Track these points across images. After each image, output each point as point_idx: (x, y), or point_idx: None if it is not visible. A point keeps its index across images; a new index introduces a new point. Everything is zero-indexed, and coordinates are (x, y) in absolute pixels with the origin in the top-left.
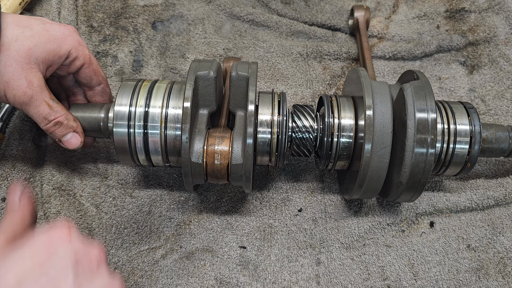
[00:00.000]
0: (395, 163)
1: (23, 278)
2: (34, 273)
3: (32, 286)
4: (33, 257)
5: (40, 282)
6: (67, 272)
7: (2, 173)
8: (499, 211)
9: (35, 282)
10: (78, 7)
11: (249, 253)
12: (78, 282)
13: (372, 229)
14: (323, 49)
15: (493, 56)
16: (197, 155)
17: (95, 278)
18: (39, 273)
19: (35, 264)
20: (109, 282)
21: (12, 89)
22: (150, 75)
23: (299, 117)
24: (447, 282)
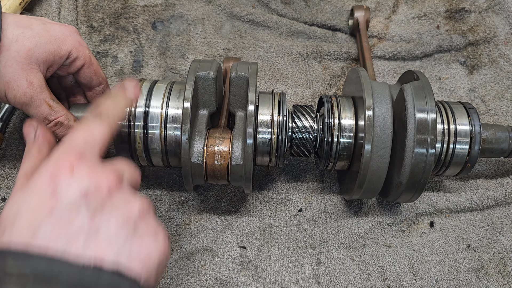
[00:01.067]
0: (395, 164)
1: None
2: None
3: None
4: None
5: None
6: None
7: (2, 173)
8: (499, 211)
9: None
10: (78, 7)
11: (249, 253)
12: (91, 214)
13: (372, 229)
14: (323, 49)
15: (493, 56)
16: (197, 155)
17: (109, 205)
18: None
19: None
20: (127, 206)
21: (12, 90)
22: (150, 75)
23: (299, 117)
24: (447, 282)
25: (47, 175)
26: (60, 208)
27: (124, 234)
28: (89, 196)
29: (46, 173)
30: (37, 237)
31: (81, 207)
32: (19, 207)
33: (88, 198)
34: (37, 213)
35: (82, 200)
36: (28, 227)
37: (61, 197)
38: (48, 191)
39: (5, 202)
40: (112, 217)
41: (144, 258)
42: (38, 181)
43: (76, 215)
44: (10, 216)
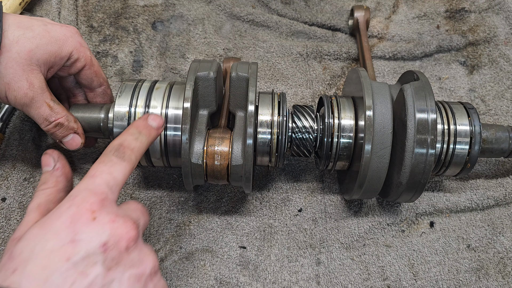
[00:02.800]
0: (395, 164)
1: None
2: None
3: (58, 280)
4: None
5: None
6: (94, 260)
7: (2, 173)
8: (499, 211)
9: (60, 276)
10: (78, 7)
11: (249, 253)
12: (107, 269)
13: (372, 229)
14: (323, 49)
15: (493, 56)
16: (197, 155)
17: (125, 261)
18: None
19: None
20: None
21: (13, 91)
22: (150, 76)
23: (299, 117)
24: (447, 282)
25: (66, 219)
26: (77, 257)
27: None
28: (108, 249)
29: (66, 217)
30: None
31: (98, 260)
32: (34, 246)
33: (106, 251)
34: (52, 259)
35: (101, 253)
36: (41, 271)
37: (80, 245)
38: (68, 236)
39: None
40: (126, 273)
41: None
42: (57, 223)
43: (92, 268)
44: (24, 254)
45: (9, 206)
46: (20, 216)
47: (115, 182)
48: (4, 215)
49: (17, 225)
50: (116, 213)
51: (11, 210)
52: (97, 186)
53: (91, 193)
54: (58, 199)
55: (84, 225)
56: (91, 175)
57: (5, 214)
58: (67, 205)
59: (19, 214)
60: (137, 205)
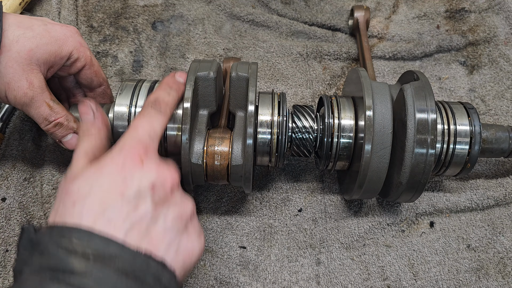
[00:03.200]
0: (395, 164)
1: (106, 206)
2: (114, 200)
3: (114, 213)
4: (111, 184)
5: (120, 209)
6: (144, 196)
7: (2, 173)
8: (499, 211)
9: (116, 209)
10: (78, 7)
11: (249, 253)
12: (155, 205)
13: (372, 229)
14: (323, 49)
15: (493, 56)
16: (197, 156)
17: (169, 201)
18: (119, 200)
19: (114, 192)
20: (182, 205)
21: (13, 90)
22: (150, 76)
23: (299, 117)
24: (447, 282)
25: (119, 162)
26: (129, 194)
27: (177, 228)
28: (155, 188)
29: (118, 160)
30: (106, 215)
31: (147, 197)
32: (92, 184)
33: (154, 190)
34: (108, 194)
35: (149, 191)
36: (99, 204)
37: (132, 185)
38: (120, 177)
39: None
40: (170, 211)
41: (188, 254)
42: (110, 167)
43: (142, 203)
44: (82, 191)
45: (9, 206)
46: (20, 216)
47: (155, 132)
48: (4, 215)
49: (17, 225)
50: (159, 160)
51: (11, 210)
52: (141, 135)
53: (137, 141)
54: (102, 146)
55: (134, 167)
56: (134, 126)
57: (5, 214)
58: (117, 151)
59: (19, 214)
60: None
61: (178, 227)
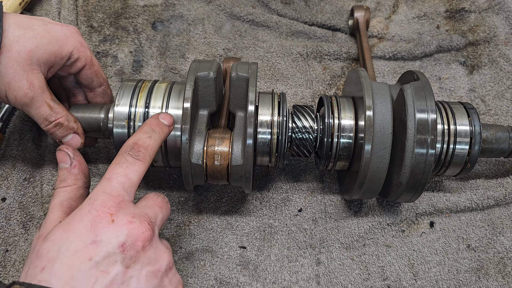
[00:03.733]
0: (395, 164)
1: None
2: (82, 265)
3: (82, 279)
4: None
5: (89, 275)
6: (114, 259)
7: (2, 173)
8: (499, 211)
9: (84, 275)
10: (78, 7)
11: (249, 253)
12: (125, 267)
13: (372, 229)
14: (323, 49)
15: (493, 56)
16: (197, 156)
17: (141, 259)
18: (87, 265)
19: (82, 256)
20: (156, 260)
21: (13, 90)
22: (150, 76)
23: (299, 117)
24: (447, 282)
25: (87, 222)
26: (98, 257)
27: (152, 286)
28: (126, 248)
29: (87, 220)
30: (74, 281)
31: (117, 259)
32: (60, 247)
33: (124, 250)
34: (76, 258)
35: (120, 252)
36: (68, 270)
37: (101, 246)
38: (89, 238)
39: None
40: (143, 270)
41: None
42: (80, 225)
43: (112, 266)
44: (50, 254)
45: (9, 206)
46: (20, 216)
47: (130, 183)
48: (4, 215)
49: (17, 225)
50: (133, 214)
51: (11, 210)
52: (113, 189)
53: (109, 196)
54: (79, 196)
55: (103, 227)
56: (108, 178)
57: (5, 214)
58: (87, 209)
59: (19, 214)
60: (156, 200)
61: (152, 285)
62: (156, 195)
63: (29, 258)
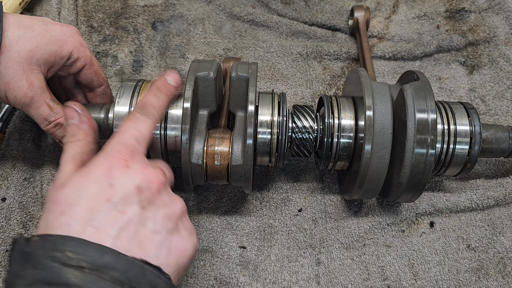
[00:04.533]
0: (395, 164)
1: (93, 213)
2: (101, 206)
3: (101, 219)
4: (98, 190)
5: (108, 215)
6: (131, 200)
7: (2, 173)
8: (499, 211)
9: (103, 215)
10: (78, 7)
11: (249, 253)
12: (142, 208)
13: (372, 229)
14: (323, 49)
15: (493, 56)
16: (197, 156)
17: (157, 202)
18: (105, 206)
19: (101, 198)
20: (171, 205)
21: (13, 90)
22: (150, 76)
23: (299, 117)
24: (447, 282)
25: (104, 168)
26: (116, 198)
27: (167, 229)
28: (142, 190)
29: (104, 166)
30: (94, 221)
31: (134, 200)
32: (78, 192)
33: (141, 192)
34: (95, 200)
35: (136, 194)
36: (87, 211)
37: (118, 189)
38: (106, 182)
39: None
40: (159, 212)
41: (180, 252)
42: (96, 172)
43: (129, 206)
44: (69, 199)
45: (9, 206)
46: (20, 216)
47: (142, 136)
48: (4, 215)
49: (17, 225)
50: (145, 162)
51: (11, 210)
52: (127, 140)
53: (123, 145)
54: (89, 150)
55: (120, 172)
56: (121, 131)
57: (5, 214)
58: (103, 156)
59: (19, 214)
60: (163, 161)
61: (168, 227)
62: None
63: (46, 207)
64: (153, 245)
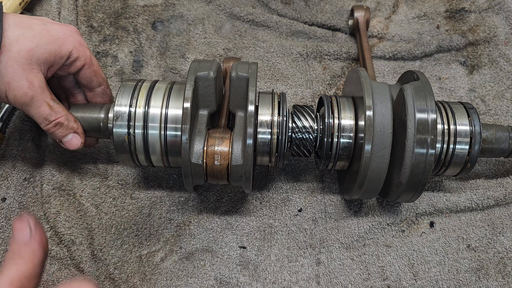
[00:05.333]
0: (395, 164)
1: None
2: None
3: None
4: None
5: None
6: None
7: (2, 173)
8: (499, 211)
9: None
10: (78, 7)
11: (249, 253)
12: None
13: (372, 229)
14: (323, 49)
15: (493, 56)
16: (197, 156)
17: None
18: None
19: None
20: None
21: (13, 90)
22: (150, 76)
23: (299, 117)
24: (447, 282)
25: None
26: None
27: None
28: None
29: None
30: None
31: None
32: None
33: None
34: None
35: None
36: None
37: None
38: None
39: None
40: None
41: None
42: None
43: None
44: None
45: (9, 206)
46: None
47: None
48: (4, 215)
49: None
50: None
51: (11, 210)
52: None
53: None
54: (34, 275)
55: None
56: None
57: (5, 214)
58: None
59: (19, 214)
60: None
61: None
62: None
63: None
64: None
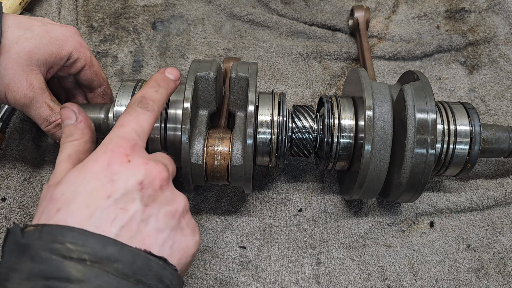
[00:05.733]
0: (395, 164)
1: (92, 210)
2: (101, 203)
3: (101, 216)
4: (97, 185)
5: (108, 212)
6: (132, 197)
7: (2, 173)
8: (499, 211)
9: (103, 212)
10: (78, 7)
11: (249, 253)
12: (144, 205)
13: (372, 229)
14: (323, 49)
15: (493, 56)
16: (197, 156)
17: (159, 199)
18: (106, 203)
19: (100, 194)
20: (174, 201)
21: (12, 91)
22: (150, 76)
23: (299, 117)
24: (447, 282)
25: (103, 162)
26: (117, 194)
27: (170, 226)
28: (144, 187)
29: (103, 160)
30: (93, 219)
31: (135, 197)
32: (75, 188)
33: (143, 188)
34: (94, 197)
35: (138, 190)
36: (85, 208)
37: (118, 184)
38: (106, 177)
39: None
40: (162, 210)
41: (183, 250)
42: (95, 166)
43: (131, 203)
44: (66, 197)
45: (9, 206)
46: (20, 216)
47: (142, 130)
48: (4, 215)
49: None
50: (147, 157)
51: (11, 210)
52: (127, 133)
53: (123, 139)
54: (86, 150)
55: (120, 166)
56: (120, 124)
57: (5, 214)
58: (102, 151)
59: (19, 214)
60: (165, 154)
61: (171, 225)
62: (164, 153)
63: (39, 206)
64: (156, 244)
